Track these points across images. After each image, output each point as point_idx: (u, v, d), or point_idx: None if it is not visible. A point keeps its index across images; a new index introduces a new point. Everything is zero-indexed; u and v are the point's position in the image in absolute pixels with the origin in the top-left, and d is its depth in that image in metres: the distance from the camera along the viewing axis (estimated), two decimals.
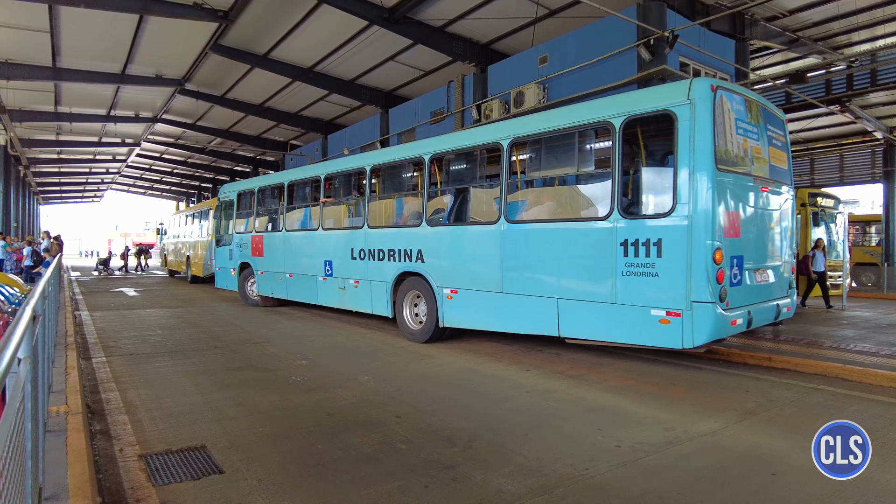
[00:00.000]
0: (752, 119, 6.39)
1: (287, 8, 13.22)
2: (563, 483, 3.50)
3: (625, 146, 6.31)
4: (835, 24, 12.73)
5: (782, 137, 7.07)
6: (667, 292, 5.69)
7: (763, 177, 6.50)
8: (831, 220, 14.52)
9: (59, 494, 2.97)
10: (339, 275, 10.20)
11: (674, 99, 5.79)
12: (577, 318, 6.48)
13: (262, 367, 6.74)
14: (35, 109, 20.88)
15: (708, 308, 5.48)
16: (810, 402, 5.40)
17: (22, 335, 2.06)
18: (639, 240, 5.88)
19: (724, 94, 5.87)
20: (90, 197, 55.39)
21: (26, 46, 14.59)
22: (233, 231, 13.95)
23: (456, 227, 8.16)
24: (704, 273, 5.49)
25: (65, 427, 3.99)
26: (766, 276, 6.48)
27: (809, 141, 21.98)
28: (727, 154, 5.85)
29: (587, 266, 6.38)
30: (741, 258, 5.94)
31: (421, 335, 8.47)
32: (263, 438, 4.27)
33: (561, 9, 12.26)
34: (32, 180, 38.14)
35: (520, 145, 7.49)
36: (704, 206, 5.54)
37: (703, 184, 5.54)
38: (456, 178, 8.89)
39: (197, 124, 24.57)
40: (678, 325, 5.60)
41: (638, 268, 5.87)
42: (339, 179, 10.94)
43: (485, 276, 7.50)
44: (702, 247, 5.50)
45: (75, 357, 6.51)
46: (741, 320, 5.81)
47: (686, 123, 5.64)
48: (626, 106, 6.22)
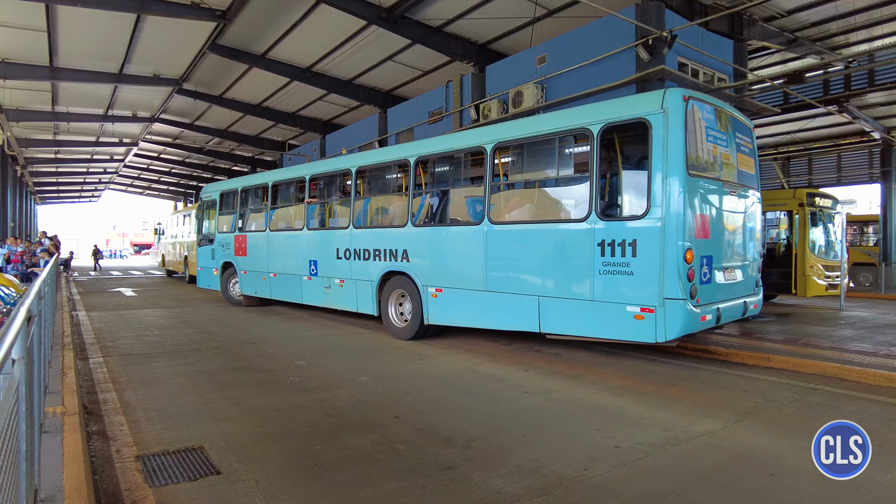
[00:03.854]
0: (722, 127, 6.75)
1: (285, 7, 13.20)
2: (562, 484, 3.48)
3: (602, 152, 6.59)
4: (832, 25, 12.75)
5: (749, 144, 7.43)
6: (641, 290, 5.99)
7: (731, 181, 6.84)
8: (829, 221, 14.52)
9: (54, 496, 2.94)
10: (324, 274, 10.33)
11: (648, 108, 6.11)
12: (557, 314, 6.77)
13: (259, 368, 6.72)
14: (32, 109, 20.81)
15: (679, 305, 5.79)
16: (809, 402, 5.40)
17: (15, 335, 2.04)
18: (615, 240, 6.19)
19: (696, 103, 6.21)
20: (88, 197, 55.25)
21: (23, 45, 14.55)
22: (215, 231, 14.00)
23: (441, 227, 8.42)
24: (676, 272, 5.79)
25: (61, 428, 3.97)
26: (734, 274, 6.81)
27: (807, 141, 22.03)
28: (698, 160, 6.19)
29: (566, 265, 6.69)
30: (710, 258, 6.26)
31: (406, 332, 8.68)
32: (261, 439, 4.25)
33: (559, 9, 12.26)
34: (30, 180, 38.03)
35: (503, 149, 7.79)
36: (676, 208, 5.86)
37: (675, 188, 5.87)
38: (441, 180, 9.12)
39: (195, 124, 24.53)
40: (652, 321, 5.91)
41: (614, 267, 6.18)
42: (324, 180, 11.10)
43: (469, 275, 7.74)
44: (674, 247, 5.82)
45: (72, 357, 6.48)
46: (710, 316, 6.13)
47: (660, 131, 5.95)
48: (603, 114, 6.54)
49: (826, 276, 13.60)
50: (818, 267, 13.83)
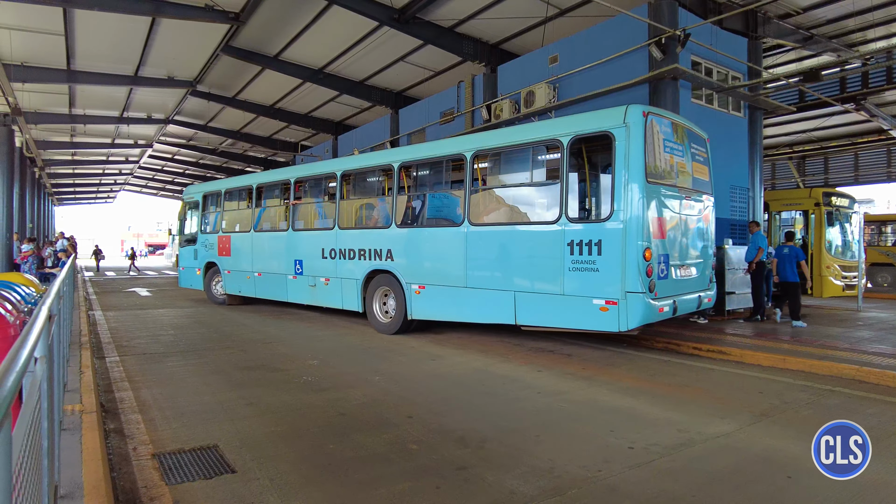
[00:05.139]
0: (678, 139, 7.46)
1: (297, 9, 13.27)
2: (576, 485, 3.47)
3: (571, 160, 7.23)
4: (849, 22, 12.56)
5: (704, 154, 8.15)
6: (606, 285, 6.63)
7: (687, 188, 7.55)
8: (846, 220, 14.35)
9: (74, 493, 2.99)
10: (310, 273, 10.73)
11: (612, 122, 6.77)
12: (532, 308, 7.38)
13: (273, 367, 6.77)
14: (50, 111, 21.11)
15: (639, 297, 6.42)
16: (827, 404, 5.33)
17: (38, 334, 2.07)
18: (582, 241, 6.84)
19: (654, 118, 6.91)
20: (103, 198, 55.95)
21: (42, 49, 14.75)
22: (198, 231, 14.20)
23: (424, 228, 8.96)
24: (636, 268, 6.44)
25: (80, 426, 4.03)
26: (689, 271, 7.51)
27: (823, 140, 21.74)
28: (656, 169, 6.86)
29: (539, 263, 7.31)
30: (667, 256, 6.93)
31: (390, 327, 9.18)
32: (275, 438, 4.28)
33: (571, 8, 12.20)
34: (47, 182, 38.55)
35: (481, 157, 8.40)
36: (636, 212, 6.51)
37: (635, 194, 6.52)
38: (424, 184, 9.67)
39: (208, 126, 24.74)
40: (615, 312, 6.53)
41: (582, 264, 6.83)
42: (309, 183, 11.51)
43: (450, 273, 8.31)
44: (634, 247, 6.47)
45: (89, 356, 6.57)
46: (667, 308, 6.77)
47: (622, 143, 6.62)
48: (572, 126, 7.22)
49: (843, 276, 13.43)
50: (835, 267, 13.66)
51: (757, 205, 12.71)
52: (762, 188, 13.22)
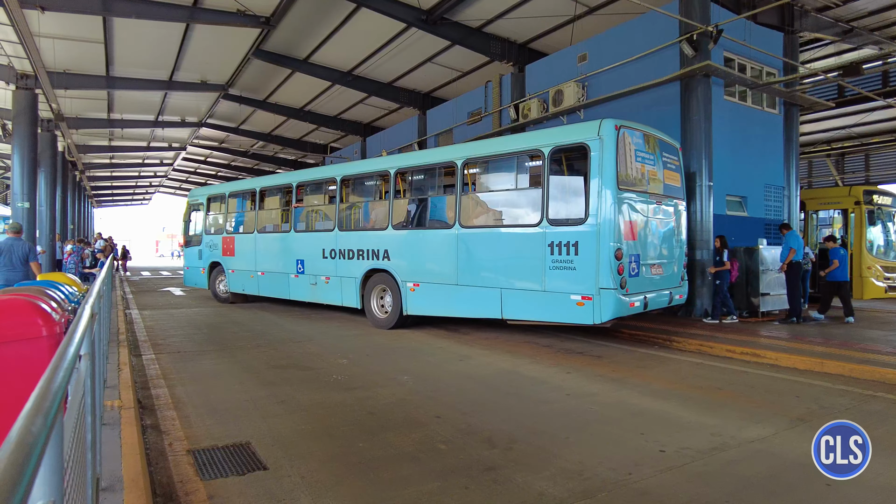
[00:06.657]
0: (650, 149, 8.08)
1: (326, 12, 13.45)
2: (606, 488, 3.44)
3: (552, 168, 7.87)
4: (893, 13, 12.13)
5: (676, 162, 8.78)
6: (582, 282, 7.20)
7: (658, 193, 8.16)
8: (889, 219, 13.83)
9: (114, 486, 3.09)
10: (311, 272, 11.27)
11: (588, 135, 7.42)
12: (516, 303, 7.95)
13: (303, 366, 6.87)
14: (90, 117, 21.81)
15: (611, 293, 7.01)
16: (868, 409, 5.16)
17: (84, 332, 2.15)
18: (561, 242, 7.42)
19: (627, 131, 7.56)
20: (139, 200, 57.51)
21: (83, 57, 15.26)
22: (202, 232, 14.63)
23: (418, 230, 9.52)
24: (609, 267, 7.03)
25: (119, 421, 4.17)
26: (659, 270, 8.08)
27: (864, 136, 21.00)
28: (627, 177, 7.50)
29: (523, 263, 7.88)
30: (638, 256, 7.53)
31: (387, 322, 9.73)
32: (306, 436, 4.35)
33: (600, 6, 12.08)
34: (87, 184, 39.87)
35: (471, 164, 9.03)
36: (608, 216, 7.12)
37: (607, 199, 7.14)
38: (418, 189, 10.19)
39: (240, 128, 25.24)
40: (590, 307, 7.09)
41: (561, 263, 7.41)
42: (310, 187, 12.10)
43: (443, 272, 8.88)
44: (606, 247, 7.07)
45: (127, 354, 6.79)
46: (638, 303, 7.37)
47: (596, 154, 7.26)
48: (553, 138, 7.90)
49: (885, 277, 12.97)
50: (876, 268, 13.18)
51: (793, 204, 12.37)
52: (798, 187, 12.85)
